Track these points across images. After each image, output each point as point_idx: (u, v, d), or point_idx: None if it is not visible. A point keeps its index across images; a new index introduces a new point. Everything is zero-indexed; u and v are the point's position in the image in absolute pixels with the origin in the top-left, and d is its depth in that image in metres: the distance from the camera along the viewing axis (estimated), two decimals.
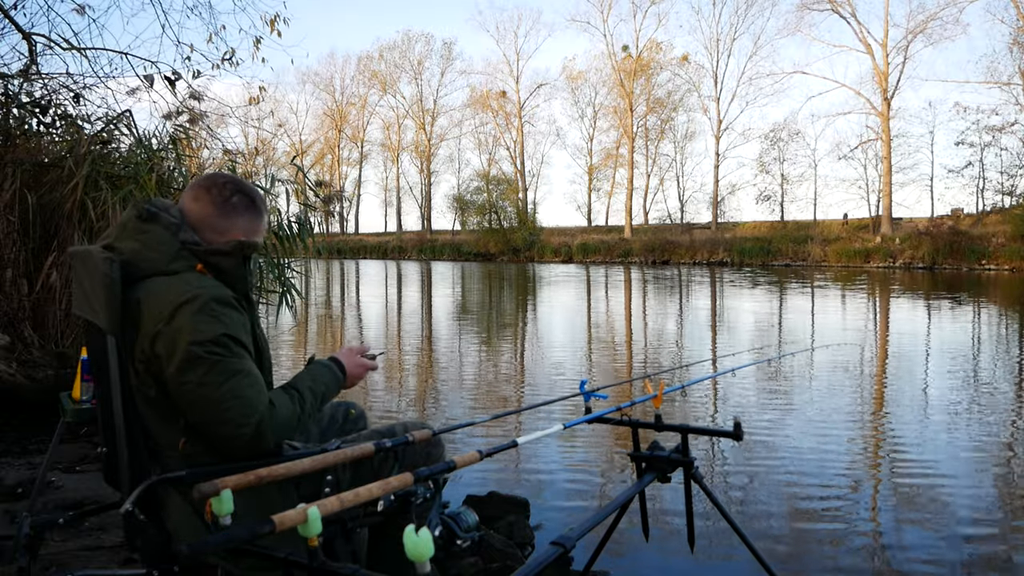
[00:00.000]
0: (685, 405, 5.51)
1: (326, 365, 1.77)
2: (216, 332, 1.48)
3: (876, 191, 37.43)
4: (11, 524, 2.67)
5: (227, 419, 1.47)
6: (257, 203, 1.72)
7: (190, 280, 1.54)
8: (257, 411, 1.48)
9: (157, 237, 1.58)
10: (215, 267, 1.60)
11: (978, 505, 3.48)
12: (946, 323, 11.36)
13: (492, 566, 2.60)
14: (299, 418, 1.60)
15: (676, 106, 45.71)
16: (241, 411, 1.47)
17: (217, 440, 1.50)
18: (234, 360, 1.49)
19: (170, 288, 1.51)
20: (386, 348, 9.11)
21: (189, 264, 1.58)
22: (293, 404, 1.59)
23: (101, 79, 5.82)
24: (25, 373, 4.39)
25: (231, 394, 1.47)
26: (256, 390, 1.51)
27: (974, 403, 5.66)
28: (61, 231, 4.81)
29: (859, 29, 35.67)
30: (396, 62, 55.14)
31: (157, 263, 1.56)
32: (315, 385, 1.69)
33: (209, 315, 1.49)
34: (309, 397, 1.64)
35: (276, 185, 6.89)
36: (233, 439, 1.48)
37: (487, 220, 43.58)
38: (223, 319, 1.51)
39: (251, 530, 1.20)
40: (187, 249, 1.59)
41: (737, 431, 2.02)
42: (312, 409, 1.66)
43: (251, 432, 1.47)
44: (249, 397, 1.48)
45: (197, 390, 1.46)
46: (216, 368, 1.46)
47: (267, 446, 1.52)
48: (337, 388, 1.77)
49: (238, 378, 1.48)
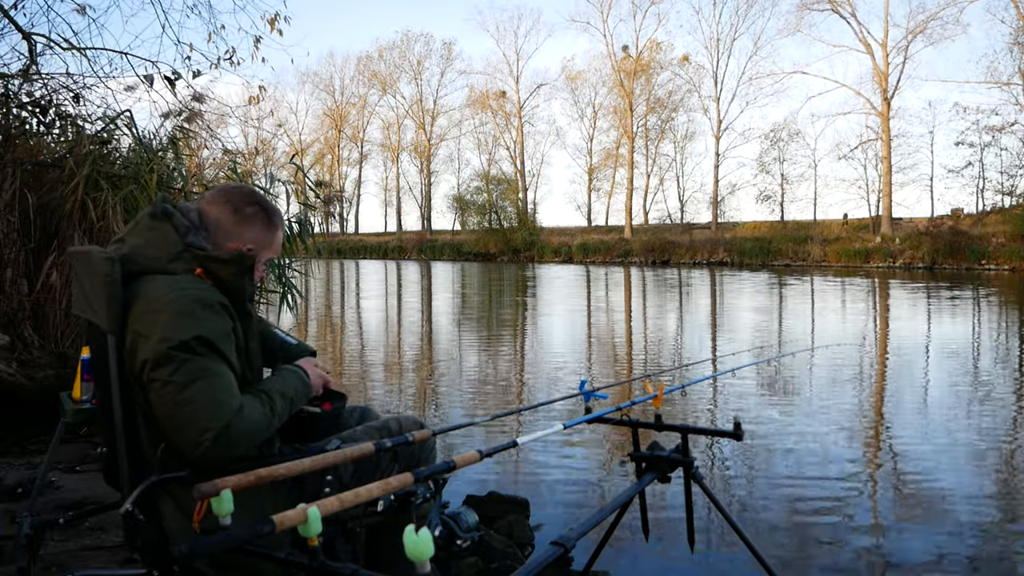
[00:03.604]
0: (685, 405, 5.51)
1: (294, 371, 1.74)
2: (191, 333, 1.45)
3: (876, 191, 37.45)
4: (11, 524, 2.66)
5: (190, 422, 1.42)
6: (273, 219, 1.73)
7: (180, 281, 1.53)
8: (223, 416, 1.43)
9: (163, 236, 1.59)
10: (214, 274, 1.59)
11: (978, 505, 3.48)
12: (946, 323, 11.36)
13: (492, 566, 2.60)
14: (270, 423, 1.57)
15: (676, 106, 45.77)
16: (206, 414, 1.42)
17: (183, 446, 1.45)
18: (204, 361, 1.46)
19: (158, 286, 1.51)
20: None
21: (189, 267, 1.58)
22: (263, 407, 1.55)
23: (101, 79, 5.82)
24: (25, 373, 4.39)
25: (196, 395, 1.43)
26: (226, 394, 1.46)
27: (974, 403, 5.66)
28: (61, 231, 4.80)
29: (859, 29, 35.70)
30: (396, 62, 55.21)
31: (156, 261, 1.56)
32: (285, 389, 1.65)
33: (188, 316, 1.47)
34: (279, 401, 1.61)
35: (276, 185, 6.90)
36: (196, 445, 1.42)
37: (487, 220, 43.60)
38: (202, 321, 1.48)
39: (251, 530, 1.20)
40: (190, 251, 1.58)
41: (737, 431, 2.03)
42: (283, 413, 1.62)
43: (213, 437, 1.41)
44: (215, 400, 1.44)
45: (162, 389, 1.44)
46: (183, 368, 1.44)
47: (235, 452, 1.47)
48: (306, 395, 1.74)
49: (205, 380, 1.44)
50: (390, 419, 1.94)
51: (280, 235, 1.77)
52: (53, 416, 2.72)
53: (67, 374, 4.20)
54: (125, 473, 1.56)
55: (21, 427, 4.27)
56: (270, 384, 1.66)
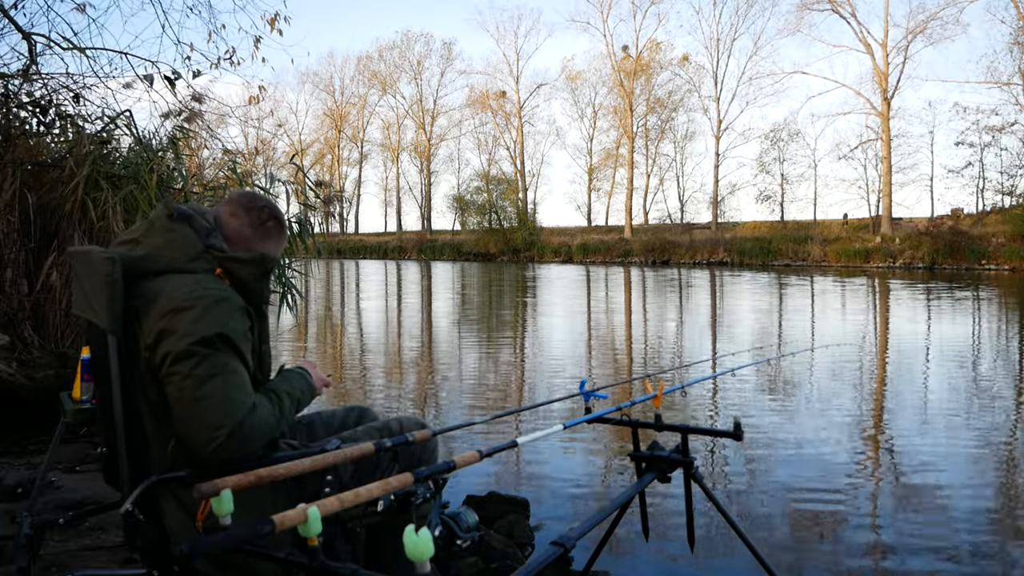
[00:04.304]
0: (685, 405, 5.51)
1: (299, 373, 1.78)
2: (214, 330, 1.48)
3: (876, 191, 37.43)
4: (11, 524, 2.66)
5: (206, 417, 1.44)
6: (284, 231, 1.83)
7: (202, 281, 1.56)
8: (237, 413, 1.46)
9: (183, 236, 1.61)
10: (233, 274, 1.62)
11: (978, 505, 3.48)
12: (945, 323, 11.36)
13: (492, 566, 2.61)
14: (278, 421, 1.60)
15: (676, 106, 45.74)
16: (221, 410, 1.44)
17: (196, 441, 1.46)
18: (224, 358, 1.49)
19: (181, 285, 1.53)
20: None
21: (209, 267, 1.60)
22: (272, 406, 1.58)
23: (101, 79, 5.81)
24: (25, 373, 4.39)
25: (214, 391, 1.45)
26: (242, 392, 1.49)
27: (974, 402, 5.66)
28: (61, 231, 4.80)
29: (859, 29, 35.67)
30: (396, 62, 55.18)
31: (176, 260, 1.58)
32: (292, 390, 1.69)
33: (212, 313, 1.50)
34: (287, 400, 1.65)
35: (276, 185, 6.90)
36: (209, 441, 1.43)
37: (487, 220, 43.59)
38: (225, 320, 1.51)
39: (251, 530, 1.20)
40: (210, 252, 1.61)
41: (737, 431, 2.03)
42: (289, 413, 1.66)
43: (227, 433, 1.43)
44: (232, 398, 1.46)
45: (182, 382, 1.46)
46: (204, 363, 1.46)
47: (246, 449, 1.48)
48: (310, 396, 1.77)
49: (224, 376, 1.47)
50: (391, 420, 1.94)
51: (284, 243, 1.86)
52: (53, 416, 2.72)
53: (67, 374, 4.20)
54: (125, 473, 1.56)
55: (21, 427, 4.27)
56: (276, 384, 1.69)
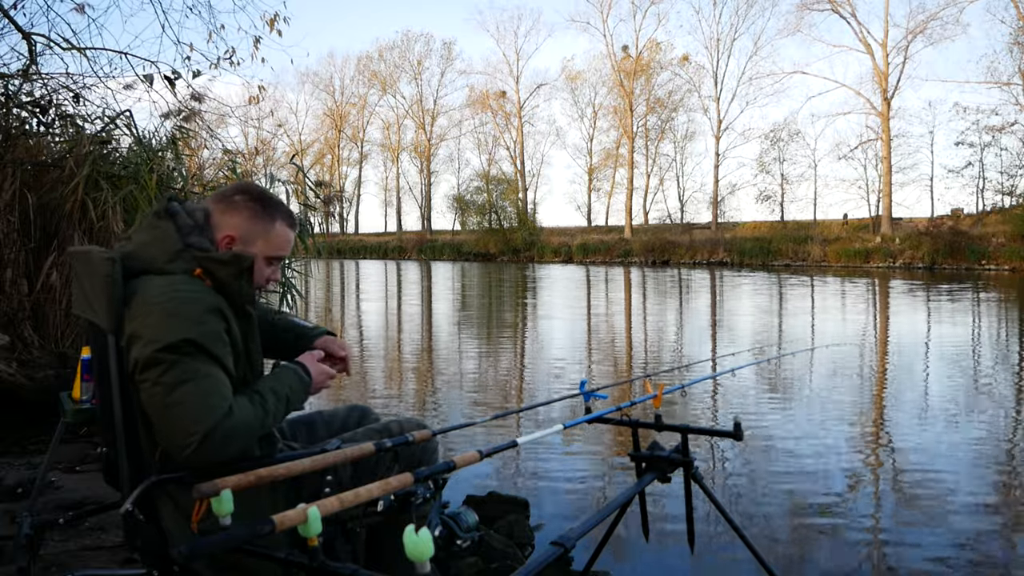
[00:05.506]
0: (685, 405, 5.51)
1: (291, 368, 1.72)
2: (179, 336, 1.43)
3: (876, 191, 37.41)
4: (11, 524, 2.66)
5: (176, 424, 1.41)
6: (266, 209, 1.68)
7: (175, 283, 1.52)
8: (209, 419, 1.41)
9: (164, 234, 1.58)
10: (213, 274, 1.57)
11: (979, 504, 3.48)
12: (945, 323, 11.36)
13: (492, 566, 2.60)
14: (263, 421, 1.55)
15: (676, 106, 45.73)
16: (191, 416, 1.40)
17: (170, 448, 1.44)
18: (192, 363, 1.44)
19: (153, 287, 1.50)
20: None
21: (188, 267, 1.56)
22: (254, 407, 1.53)
23: (101, 79, 5.81)
24: (25, 373, 4.39)
25: (183, 398, 1.41)
26: (216, 396, 1.44)
27: (974, 402, 5.66)
28: (61, 231, 4.80)
29: (859, 29, 35.67)
30: (396, 62, 55.15)
31: (154, 261, 1.55)
32: (278, 387, 1.63)
33: (177, 318, 1.45)
34: (271, 398, 1.58)
35: (276, 185, 6.90)
36: (182, 448, 1.40)
37: (487, 220, 43.56)
38: (193, 324, 1.46)
39: (251, 530, 1.20)
40: (189, 251, 1.57)
41: (737, 431, 2.02)
42: (276, 411, 1.60)
43: (198, 440, 1.39)
44: (202, 404, 1.42)
45: (151, 390, 1.43)
46: (172, 371, 1.42)
47: (226, 453, 1.45)
48: (304, 392, 1.70)
49: (194, 383, 1.42)
50: (391, 420, 1.93)
51: (281, 229, 1.71)
52: (53, 416, 2.72)
53: (67, 374, 4.19)
54: (125, 473, 1.56)
55: (21, 427, 4.27)
56: (262, 383, 1.64)
